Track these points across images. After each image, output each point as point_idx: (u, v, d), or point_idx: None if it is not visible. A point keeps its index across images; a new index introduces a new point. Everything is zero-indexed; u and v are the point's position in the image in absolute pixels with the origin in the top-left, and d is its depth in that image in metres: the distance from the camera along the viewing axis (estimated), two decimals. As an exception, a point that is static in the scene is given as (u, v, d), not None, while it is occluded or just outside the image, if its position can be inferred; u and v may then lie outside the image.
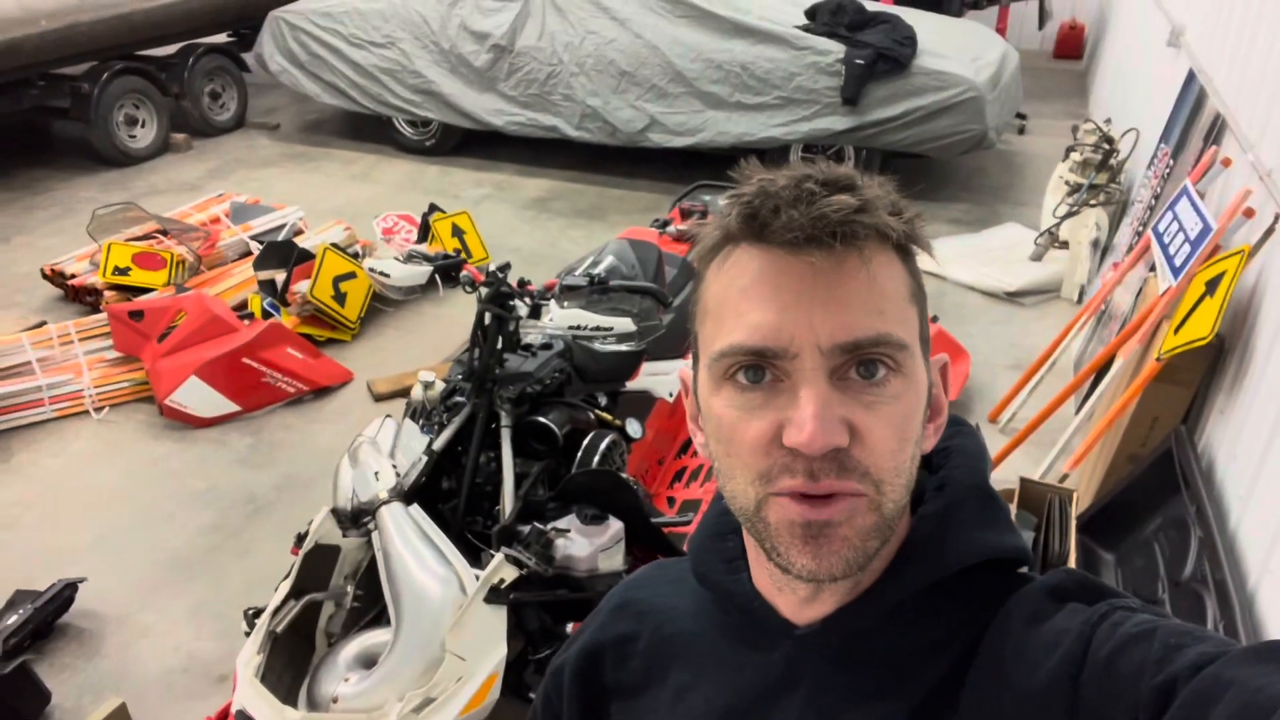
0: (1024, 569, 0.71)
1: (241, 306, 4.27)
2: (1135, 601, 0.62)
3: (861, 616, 0.68)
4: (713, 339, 0.65)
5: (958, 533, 0.69)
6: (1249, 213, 2.62)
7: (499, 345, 2.28)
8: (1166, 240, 2.93)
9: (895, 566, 0.68)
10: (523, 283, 2.37)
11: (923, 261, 0.69)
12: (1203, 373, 2.66)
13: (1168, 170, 3.65)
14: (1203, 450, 2.58)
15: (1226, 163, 2.99)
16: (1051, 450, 3.06)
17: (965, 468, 0.72)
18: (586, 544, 2.12)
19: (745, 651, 0.74)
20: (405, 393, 3.85)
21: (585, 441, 2.38)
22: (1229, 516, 2.30)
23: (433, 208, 4.85)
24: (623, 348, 2.67)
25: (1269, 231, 2.42)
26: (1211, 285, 2.50)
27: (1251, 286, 2.55)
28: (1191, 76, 3.72)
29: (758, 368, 0.62)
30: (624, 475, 2.34)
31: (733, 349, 0.62)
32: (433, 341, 4.30)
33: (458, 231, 4.71)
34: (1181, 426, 2.62)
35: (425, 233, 4.73)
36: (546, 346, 2.49)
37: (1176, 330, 2.57)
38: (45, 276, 4.64)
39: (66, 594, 2.76)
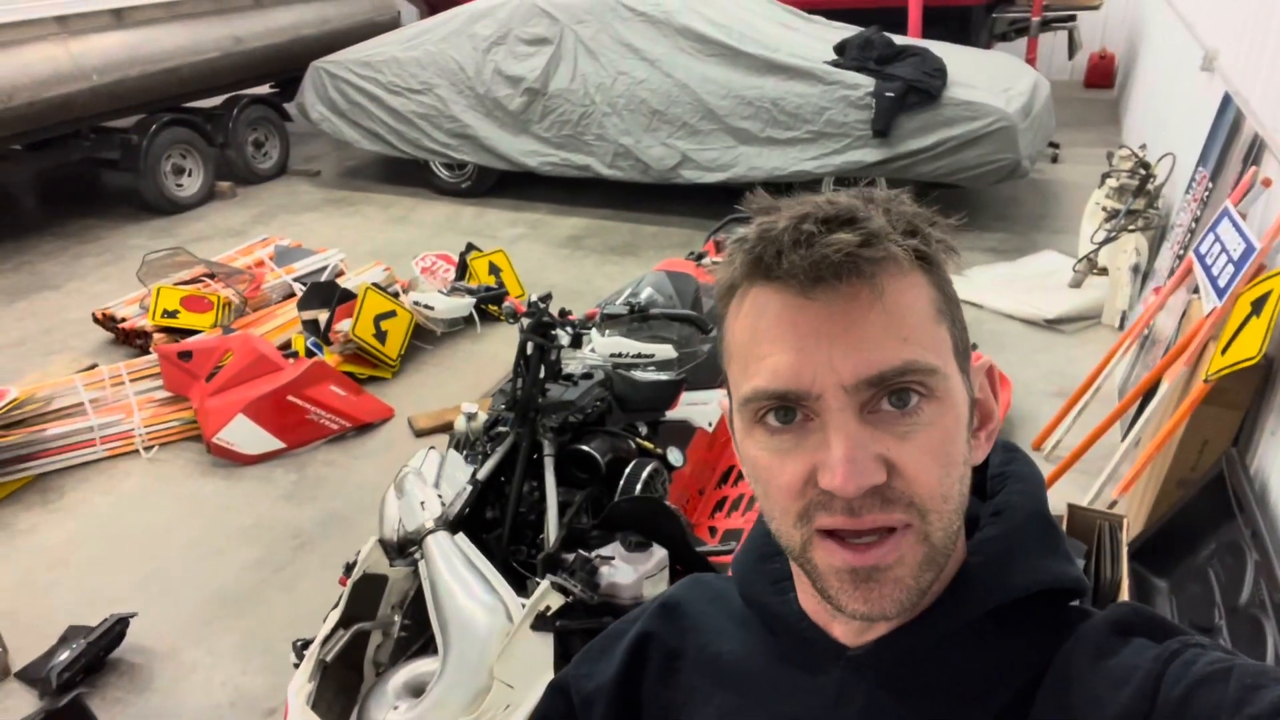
0: (1078, 601, 0.69)
1: (286, 346, 4.35)
2: (1206, 639, 0.60)
3: (916, 640, 0.66)
4: (739, 382, 0.64)
5: (1018, 560, 0.67)
6: (1293, 231, 2.59)
7: (541, 374, 2.31)
8: (1209, 262, 2.90)
9: (953, 591, 0.66)
10: (564, 312, 2.40)
11: (961, 289, 0.66)
12: (1252, 394, 2.62)
13: (1207, 193, 3.63)
14: (1255, 472, 2.53)
15: (1267, 183, 2.97)
16: (1099, 477, 3.01)
17: (1024, 494, 0.70)
18: (631, 571, 2.12)
19: (795, 674, 0.72)
20: (446, 428, 3.88)
21: (628, 469, 2.39)
22: (1287, 539, 2.24)
23: (470, 247, 4.93)
24: (662, 377, 2.69)
25: (1315, 249, 2.40)
26: (1258, 305, 2.47)
27: (1299, 305, 2.51)
28: (1227, 99, 3.70)
29: (786, 409, 0.61)
30: (667, 503, 2.35)
31: (756, 394, 0.61)
32: (471, 377, 4.35)
33: (494, 269, 4.79)
34: (1233, 449, 2.57)
35: (463, 271, 4.80)
36: (587, 376, 2.51)
37: (1224, 351, 2.53)
38: (96, 321, 4.78)
39: (118, 629, 2.80)
